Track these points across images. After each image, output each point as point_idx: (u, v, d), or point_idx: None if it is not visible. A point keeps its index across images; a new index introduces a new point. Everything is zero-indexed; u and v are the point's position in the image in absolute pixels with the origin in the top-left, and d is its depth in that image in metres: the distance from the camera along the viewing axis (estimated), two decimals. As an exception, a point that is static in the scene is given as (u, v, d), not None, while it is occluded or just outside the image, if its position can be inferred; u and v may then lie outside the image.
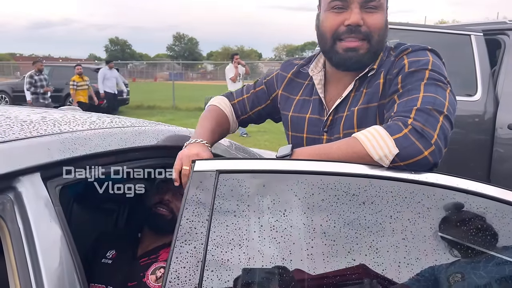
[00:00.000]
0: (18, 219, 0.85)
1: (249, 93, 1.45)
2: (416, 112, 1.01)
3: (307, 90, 1.33)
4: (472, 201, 0.94)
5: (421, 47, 1.18)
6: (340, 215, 0.94)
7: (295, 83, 1.36)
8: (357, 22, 1.14)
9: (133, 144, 1.16)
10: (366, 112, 1.18)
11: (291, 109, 1.34)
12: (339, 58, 1.18)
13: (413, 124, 0.99)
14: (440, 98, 1.05)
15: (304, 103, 1.32)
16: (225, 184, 0.96)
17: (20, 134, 0.96)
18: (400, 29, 3.54)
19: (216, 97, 1.48)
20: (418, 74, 1.10)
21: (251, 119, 1.48)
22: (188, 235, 0.90)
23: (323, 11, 1.20)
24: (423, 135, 0.98)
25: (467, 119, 3.12)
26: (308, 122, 1.29)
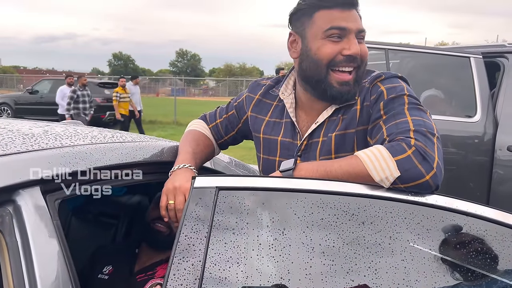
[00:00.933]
0: (16, 232, 0.84)
1: (221, 118, 1.44)
2: (414, 134, 1.02)
3: (277, 112, 1.32)
4: (471, 223, 0.94)
5: (392, 75, 1.20)
6: (339, 235, 0.94)
7: (263, 104, 1.35)
8: (358, 53, 1.15)
9: (134, 159, 1.17)
10: (344, 138, 1.19)
11: (261, 131, 1.33)
12: (336, 92, 1.17)
13: (416, 145, 0.99)
14: (427, 120, 1.07)
15: (275, 125, 1.31)
16: (225, 201, 0.96)
17: (22, 148, 0.97)
18: (401, 50, 3.59)
19: (193, 121, 1.48)
20: (399, 99, 1.12)
21: (228, 142, 1.47)
22: (186, 251, 0.90)
23: (314, 39, 1.17)
24: (425, 157, 0.98)
25: (466, 140, 3.12)
26: (281, 145, 1.28)
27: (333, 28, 1.14)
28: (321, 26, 1.15)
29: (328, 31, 1.15)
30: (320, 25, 1.15)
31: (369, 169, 1.00)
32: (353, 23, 1.15)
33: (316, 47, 1.17)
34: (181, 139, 1.38)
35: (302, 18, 1.19)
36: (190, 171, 1.19)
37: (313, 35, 1.17)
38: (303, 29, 1.19)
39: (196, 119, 1.48)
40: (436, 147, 1.01)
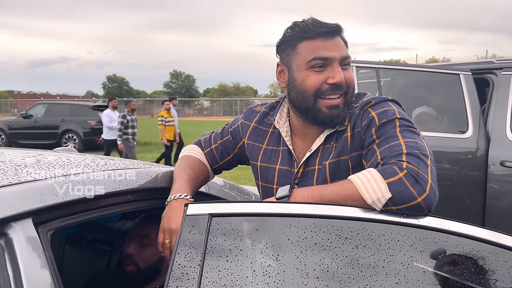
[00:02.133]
0: (8, 266, 0.83)
1: (216, 143, 1.45)
2: (406, 156, 1.02)
3: (273, 139, 1.33)
4: (464, 244, 0.94)
5: (383, 99, 1.21)
6: (333, 258, 0.94)
7: (259, 131, 1.36)
8: (342, 81, 1.17)
9: (127, 186, 1.17)
10: (338, 165, 1.20)
11: (259, 159, 1.34)
12: (325, 116, 1.18)
13: (408, 168, 1.00)
14: (420, 142, 1.08)
15: (272, 153, 1.32)
16: (218, 227, 0.96)
17: (14, 179, 0.97)
18: (391, 68, 3.64)
19: (187, 147, 1.48)
20: (390, 123, 1.13)
21: (223, 167, 1.48)
22: (180, 281, 0.89)
23: (299, 70, 1.19)
24: (418, 180, 0.98)
25: (460, 156, 3.15)
26: (278, 173, 1.29)
27: (316, 59, 1.16)
28: (305, 57, 1.17)
29: (312, 62, 1.16)
30: (303, 56, 1.17)
31: (361, 191, 1.01)
32: (336, 52, 1.16)
33: (301, 78, 1.19)
34: (176, 165, 1.38)
35: (287, 49, 1.22)
36: (187, 201, 1.19)
37: (297, 66, 1.19)
38: (289, 60, 1.22)
39: (191, 145, 1.49)
40: (429, 169, 1.01)
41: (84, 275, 1.63)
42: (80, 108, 13.42)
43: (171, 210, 1.17)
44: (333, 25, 1.17)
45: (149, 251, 1.43)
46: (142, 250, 1.43)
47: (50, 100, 17.47)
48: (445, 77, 3.34)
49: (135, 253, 1.42)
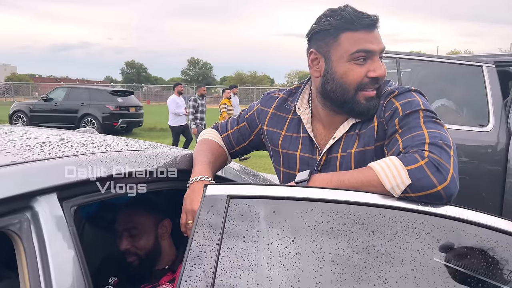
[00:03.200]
0: (34, 238, 0.87)
1: (233, 129, 1.45)
2: (429, 146, 1.02)
3: (293, 126, 1.32)
4: (482, 234, 0.94)
5: (406, 89, 1.19)
6: (349, 244, 0.94)
7: (278, 117, 1.35)
8: (383, 75, 1.16)
9: (147, 167, 1.19)
10: (364, 155, 1.20)
11: (279, 145, 1.33)
12: (363, 107, 1.18)
13: (430, 156, 1.00)
14: (444, 133, 1.07)
15: (292, 139, 1.31)
16: (236, 209, 0.97)
17: (40, 155, 1.00)
18: (412, 59, 3.58)
19: (205, 130, 1.49)
20: (414, 114, 1.12)
21: (239, 152, 1.49)
22: (198, 258, 0.91)
23: (340, 61, 1.17)
24: (439, 169, 0.98)
25: (479, 150, 3.10)
26: (300, 160, 1.29)
27: (360, 51, 1.14)
28: (347, 48, 1.15)
29: (355, 54, 1.14)
30: (346, 48, 1.15)
31: (381, 177, 1.01)
32: (377, 44, 1.15)
33: (343, 72, 1.17)
34: (196, 149, 1.39)
35: (327, 38, 1.18)
36: (208, 183, 1.19)
37: (338, 57, 1.17)
38: (328, 50, 1.18)
39: (209, 128, 1.50)
40: (452, 160, 1.01)
41: (101, 254, 1.67)
42: (99, 93, 13.58)
43: (192, 192, 1.19)
44: (375, 17, 1.15)
45: (142, 240, 1.45)
46: (135, 241, 1.45)
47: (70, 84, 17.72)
48: (467, 69, 3.28)
49: (129, 246, 1.44)
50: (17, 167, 0.90)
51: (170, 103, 8.87)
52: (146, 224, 1.45)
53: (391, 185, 0.99)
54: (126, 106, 13.31)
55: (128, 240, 1.44)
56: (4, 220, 0.84)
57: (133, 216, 1.44)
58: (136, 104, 14.02)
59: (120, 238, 1.45)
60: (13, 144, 1.05)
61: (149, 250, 1.45)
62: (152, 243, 1.46)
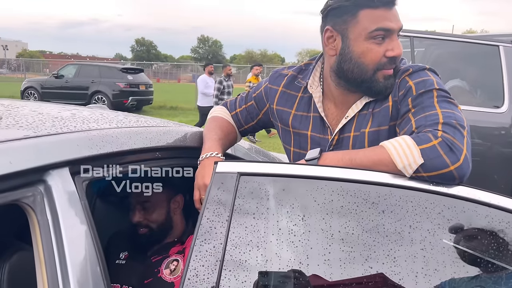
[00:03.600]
0: (47, 211, 0.88)
1: (241, 108, 1.44)
2: (443, 126, 1.00)
3: (303, 105, 1.30)
4: (494, 215, 0.93)
5: (420, 67, 1.17)
6: (359, 222, 0.94)
7: (287, 96, 1.32)
8: (401, 54, 1.13)
9: (158, 143, 1.19)
10: (378, 135, 1.18)
11: (289, 124, 1.32)
12: (381, 86, 1.15)
13: (443, 136, 0.98)
14: (458, 113, 1.05)
15: (302, 119, 1.29)
16: (246, 186, 0.98)
17: (52, 130, 1.00)
18: (427, 38, 3.51)
19: (215, 107, 1.49)
20: (428, 93, 1.09)
21: (248, 131, 1.48)
22: (208, 234, 0.92)
23: (358, 40, 1.13)
24: (452, 149, 0.97)
25: (492, 131, 3.06)
26: (311, 140, 1.28)
27: (379, 30, 1.11)
28: (367, 26, 1.11)
29: (374, 33, 1.11)
30: (365, 26, 1.11)
31: (393, 156, 1.00)
32: (396, 23, 1.12)
33: (361, 51, 1.14)
34: (206, 126, 1.39)
35: (345, 15, 1.14)
36: (218, 159, 1.20)
37: (356, 35, 1.13)
38: (345, 27, 1.14)
39: (218, 106, 1.49)
40: (465, 140, 1.00)
41: (111, 229, 1.69)
42: (109, 70, 13.57)
43: (203, 168, 1.19)
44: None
45: (154, 213, 1.47)
46: (148, 214, 1.47)
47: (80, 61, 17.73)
48: (483, 48, 3.20)
49: (142, 219, 1.47)
50: (30, 141, 0.91)
51: (200, 82, 8.68)
52: (159, 198, 1.47)
53: (403, 164, 0.98)
54: (136, 83, 13.31)
55: (140, 213, 1.46)
56: (18, 193, 0.85)
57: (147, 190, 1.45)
58: (146, 82, 14.01)
59: (133, 210, 1.47)
60: (25, 119, 1.06)
61: (160, 223, 1.48)
62: (164, 217, 1.49)
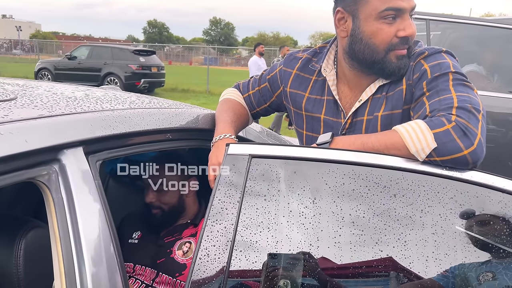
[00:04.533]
0: (62, 189, 0.90)
1: (254, 90, 1.43)
2: (457, 110, 0.99)
3: (317, 88, 1.29)
4: (507, 201, 0.92)
5: (436, 50, 1.14)
6: (370, 206, 0.94)
7: (301, 78, 1.32)
8: (413, 34, 1.11)
9: (170, 125, 1.20)
10: (391, 119, 1.16)
11: (302, 107, 1.31)
12: (394, 67, 1.14)
13: (457, 120, 0.97)
14: (474, 97, 1.02)
15: (316, 102, 1.29)
16: (257, 168, 0.98)
17: (66, 110, 1.01)
18: (443, 21, 3.43)
19: (227, 90, 1.47)
20: (443, 77, 1.07)
21: (260, 113, 1.47)
22: (219, 215, 0.93)
23: (368, 20, 1.12)
24: (466, 133, 0.95)
25: (508, 117, 3.00)
26: (324, 123, 1.27)
27: (390, 9, 1.08)
28: (376, 6, 1.09)
29: (384, 12, 1.09)
30: (374, 5, 1.10)
31: (405, 139, 0.99)
32: (407, 2, 1.09)
33: (371, 31, 1.12)
34: (218, 108, 1.38)
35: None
36: (231, 140, 1.20)
37: (366, 16, 1.12)
38: (355, 8, 1.13)
39: (230, 88, 1.48)
40: (480, 124, 0.98)
41: (124, 209, 1.72)
42: (121, 52, 13.58)
43: (217, 149, 1.18)
44: None
45: (167, 194, 1.49)
46: (160, 196, 1.49)
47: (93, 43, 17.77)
48: (502, 32, 3.12)
49: (154, 200, 1.49)
50: (45, 120, 0.92)
51: (252, 65, 8.38)
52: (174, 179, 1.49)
53: (416, 149, 0.97)
54: (148, 66, 13.31)
55: (153, 194, 1.48)
56: (33, 171, 0.86)
57: (163, 170, 1.48)
58: (158, 64, 14.00)
59: (147, 190, 1.50)
60: (40, 98, 1.07)
61: (173, 205, 1.50)
62: (176, 199, 1.51)
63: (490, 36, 3.26)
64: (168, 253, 1.45)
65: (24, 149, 0.83)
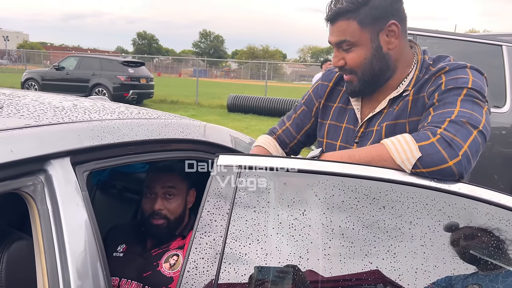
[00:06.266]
0: (47, 200, 0.88)
1: (290, 120, 1.48)
2: (448, 123, 1.01)
3: (344, 98, 1.35)
4: (494, 213, 0.93)
5: (460, 65, 1.15)
6: (359, 218, 0.94)
7: (335, 91, 1.39)
8: (335, 65, 1.23)
9: (159, 136, 1.19)
10: (394, 128, 1.19)
11: (329, 117, 1.37)
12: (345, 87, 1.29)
13: (442, 134, 0.99)
14: (477, 115, 1.03)
15: (341, 111, 1.35)
16: (246, 179, 0.97)
17: (53, 120, 1.00)
18: (429, 36, 3.50)
19: (259, 137, 1.52)
20: (456, 90, 1.09)
21: (301, 142, 1.49)
22: (208, 227, 0.92)
23: None
24: (451, 145, 0.97)
25: (493, 131, 3.05)
26: (344, 131, 1.32)
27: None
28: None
29: None
30: None
31: (391, 150, 1.01)
32: (331, 37, 1.21)
33: None
34: None
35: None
36: None
37: None
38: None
39: (263, 135, 1.52)
40: (471, 138, 0.99)
41: (110, 222, 1.69)
42: (110, 63, 13.52)
43: None
44: (332, 10, 1.18)
45: (175, 203, 1.46)
46: (169, 203, 1.45)
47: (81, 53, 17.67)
48: (486, 47, 3.19)
49: (162, 208, 1.44)
50: (31, 130, 0.90)
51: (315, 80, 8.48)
52: (182, 188, 1.48)
53: (401, 159, 0.99)
54: (137, 77, 13.26)
55: (163, 201, 1.45)
56: (18, 182, 0.85)
57: (174, 176, 1.46)
58: (147, 75, 13.96)
59: (155, 198, 1.45)
60: (27, 108, 1.05)
61: (178, 215, 1.47)
62: (181, 209, 1.48)
63: (474, 51, 3.33)
64: (155, 266, 1.42)
65: (9, 159, 0.81)
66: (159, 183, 1.46)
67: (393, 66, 1.21)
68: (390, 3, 1.16)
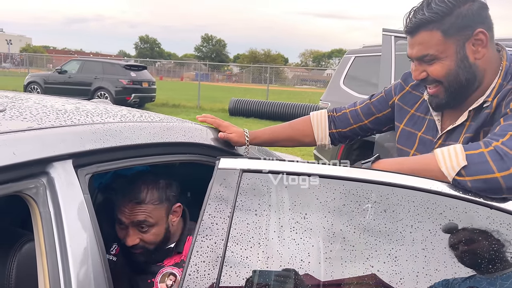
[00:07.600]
0: (49, 203, 0.88)
1: (363, 104, 1.45)
2: (510, 137, 0.97)
3: (423, 107, 1.32)
4: (495, 217, 0.93)
5: None
6: (360, 221, 0.94)
7: (411, 96, 1.35)
8: (416, 78, 1.19)
9: (161, 139, 1.19)
10: (471, 141, 1.14)
11: (403, 122, 1.34)
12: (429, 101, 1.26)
13: (497, 147, 0.96)
14: None
15: (418, 119, 1.31)
16: (248, 182, 0.98)
17: (55, 122, 1.00)
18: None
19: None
20: None
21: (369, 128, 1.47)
22: (209, 230, 0.92)
23: None
24: (503, 158, 0.94)
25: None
26: (419, 140, 1.29)
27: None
28: None
29: None
30: None
31: (438, 158, 1.00)
32: (411, 50, 1.17)
33: None
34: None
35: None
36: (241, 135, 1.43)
37: None
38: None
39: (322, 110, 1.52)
40: None
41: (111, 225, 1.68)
42: (112, 67, 13.56)
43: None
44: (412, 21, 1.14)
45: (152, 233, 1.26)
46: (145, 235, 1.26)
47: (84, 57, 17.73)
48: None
49: (137, 242, 1.25)
50: (34, 132, 0.91)
51: None
52: (158, 215, 1.27)
53: (446, 166, 0.98)
54: (139, 80, 13.30)
55: (136, 234, 1.25)
56: (20, 184, 0.85)
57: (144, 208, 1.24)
58: (149, 79, 14.00)
59: (126, 232, 1.25)
60: (29, 111, 1.06)
61: (159, 241, 1.29)
62: (162, 233, 1.29)
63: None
64: (149, 284, 1.31)
65: (11, 162, 0.81)
66: (127, 218, 1.24)
67: (480, 76, 1.14)
68: (477, 11, 1.10)
